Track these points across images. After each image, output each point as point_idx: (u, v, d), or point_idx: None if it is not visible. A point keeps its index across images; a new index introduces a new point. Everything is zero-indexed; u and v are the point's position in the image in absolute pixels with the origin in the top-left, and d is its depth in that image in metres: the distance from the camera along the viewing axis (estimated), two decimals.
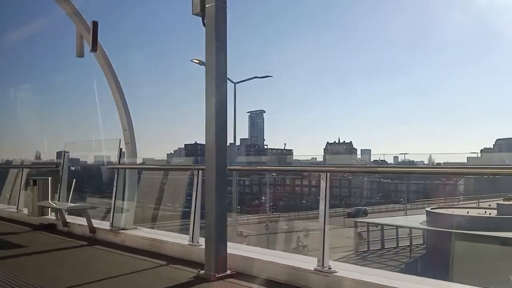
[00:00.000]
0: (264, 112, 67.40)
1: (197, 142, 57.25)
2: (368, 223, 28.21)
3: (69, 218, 6.82)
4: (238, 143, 62.97)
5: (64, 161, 7.20)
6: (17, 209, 8.05)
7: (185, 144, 60.20)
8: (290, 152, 58.69)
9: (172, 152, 58.25)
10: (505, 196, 30.93)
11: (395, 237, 28.38)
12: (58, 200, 7.09)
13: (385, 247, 28.11)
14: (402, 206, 41.41)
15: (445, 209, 27.53)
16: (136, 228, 6.09)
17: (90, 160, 8.54)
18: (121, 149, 6.20)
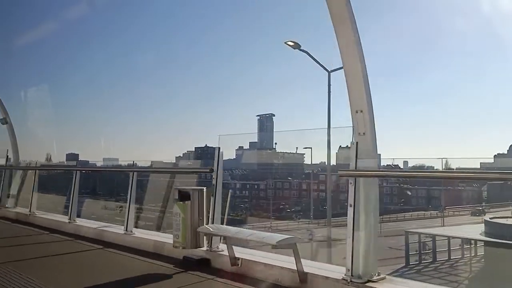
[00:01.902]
0: (274, 115, 65.60)
1: (207, 145, 55.67)
2: (419, 233, 26.01)
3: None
4: (247, 146, 61.05)
5: (219, 163, 4.69)
6: (126, 230, 5.52)
7: (195, 147, 58.79)
8: (302, 156, 57.20)
9: (181, 155, 56.78)
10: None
11: (447, 248, 26.30)
12: (212, 222, 4.58)
13: (437, 260, 26.06)
14: (434, 213, 39.60)
15: (505, 219, 25.59)
16: (384, 278, 3.63)
17: None
18: (356, 143, 3.75)
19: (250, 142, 62.82)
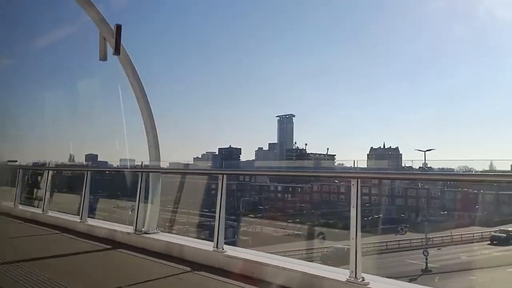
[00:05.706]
0: (294, 116, 67.29)
1: (231, 146, 57.56)
2: None
3: None
4: (266, 147, 62.04)
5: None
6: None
7: (219, 148, 60.32)
8: (332, 157, 56.64)
9: (200, 156, 58.48)
10: None
11: None
12: None
13: None
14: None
15: None
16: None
17: None
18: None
19: (269, 143, 63.59)
